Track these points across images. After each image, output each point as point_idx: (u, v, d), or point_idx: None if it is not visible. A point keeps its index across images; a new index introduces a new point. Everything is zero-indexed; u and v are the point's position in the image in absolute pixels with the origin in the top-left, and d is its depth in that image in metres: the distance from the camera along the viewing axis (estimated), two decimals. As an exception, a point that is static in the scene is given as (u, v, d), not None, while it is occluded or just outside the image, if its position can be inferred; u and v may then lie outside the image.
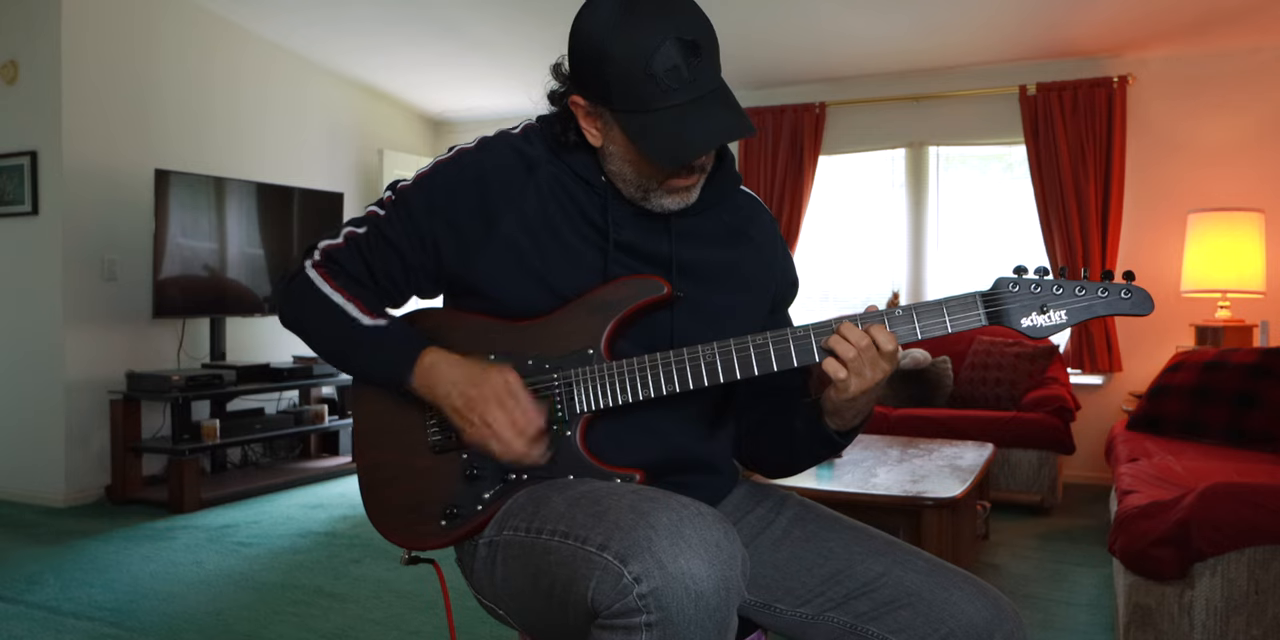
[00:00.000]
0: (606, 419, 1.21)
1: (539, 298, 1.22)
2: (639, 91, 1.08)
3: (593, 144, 1.20)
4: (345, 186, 5.67)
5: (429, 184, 1.24)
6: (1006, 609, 1.12)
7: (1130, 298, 1.09)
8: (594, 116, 1.17)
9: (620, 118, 1.12)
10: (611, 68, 1.08)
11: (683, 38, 1.07)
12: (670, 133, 1.09)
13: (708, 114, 1.09)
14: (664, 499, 1.03)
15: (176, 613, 2.82)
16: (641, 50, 1.06)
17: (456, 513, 1.22)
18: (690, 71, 1.07)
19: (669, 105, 1.08)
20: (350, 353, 1.26)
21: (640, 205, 1.21)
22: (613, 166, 1.20)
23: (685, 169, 1.16)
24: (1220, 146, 4.51)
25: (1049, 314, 1.10)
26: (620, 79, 1.08)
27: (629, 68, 1.07)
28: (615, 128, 1.15)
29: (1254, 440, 3.18)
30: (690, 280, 1.24)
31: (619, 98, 1.10)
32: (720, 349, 1.15)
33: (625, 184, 1.20)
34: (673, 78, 1.07)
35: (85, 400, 4.29)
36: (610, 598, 0.96)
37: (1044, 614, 2.79)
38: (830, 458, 1.28)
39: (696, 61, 1.08)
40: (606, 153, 1.19)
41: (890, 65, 4.99)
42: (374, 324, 1.23)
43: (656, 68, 1.06)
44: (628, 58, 1.07)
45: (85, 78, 4.28)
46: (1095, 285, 1.10)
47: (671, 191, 1.19)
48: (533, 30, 4.74)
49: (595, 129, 1.18)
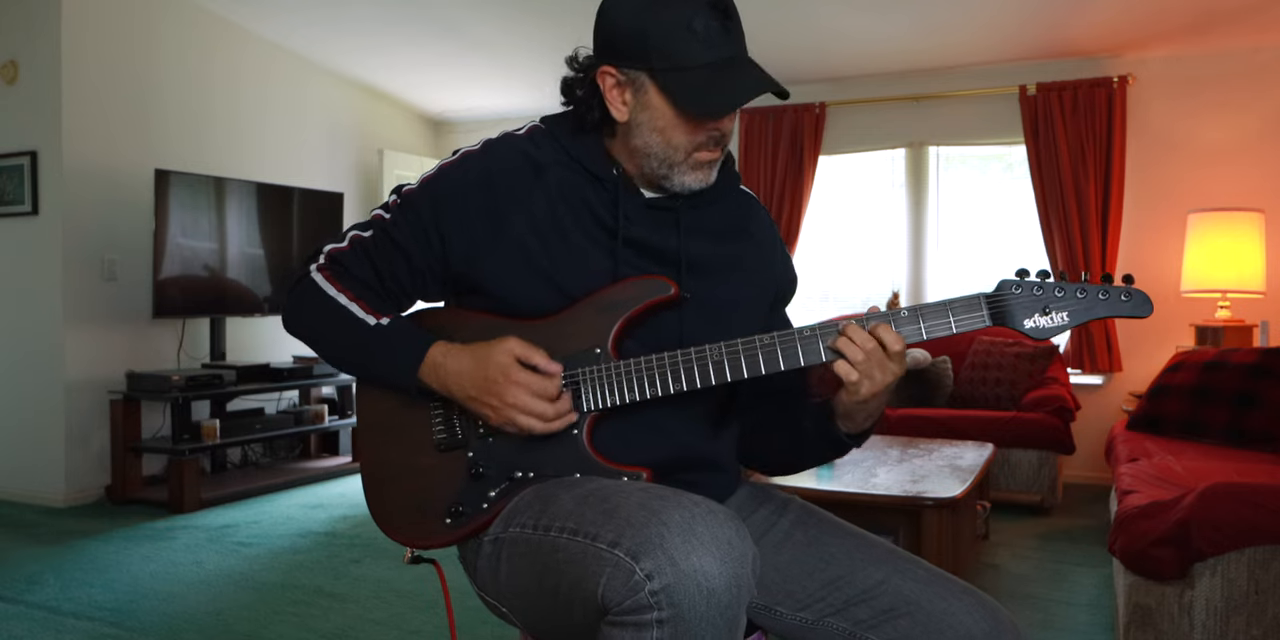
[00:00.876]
0: (613, 418, 1.21)
1: (547, 297, 1.22)
2: (682, 48, 1.13)
3: (618, 119, 1.20)
4: (345, 186, 5.67)
5: (434, 187, 1.24)
6: (1005, 621, 1.12)
7: (1130, 300, 1.10)
8: (624, 87, 1.18)
9: (660, 77, 1.15)
10: (652, 30, 1.13)
11: (715, 3, 1.14)
12: (711, 85, 1.13)
13: (744, 70, 1.15)
14: (675, 496, 1.03)
15: (176, 613, 2.82)
16: (681, 11, 1.13)
17: (461, 511, 1.22)
18: (725, 32, 1.14)
19: (708, 61, 1.13)
20: (357, 353, 1.26)
21: (661, 185, 1.22)
22: (638, 140, 1.20)
23: (712, 140, 1.19)
24: (1220, 146, 4.51)
25: (1051, 315, 1.11)
26: (661, 39, 1.13)
27: (671, 27, 1.13)
28: (649, 92, 1.17)
29: (1254, 440, 3.18)
30: (697, 275, 1.25)
31: (659, 57, 1.14)
32: (727, 349, 1.15)
33: (650, 159, 1.21)
34: (712, 33, 1.13)
35: (85, 400, 4.29)
36: (621, 594, 0.96)
37: (1044, 614, 2.79)
38: (836, 458, 1.29)
39: (730, 23, 1.15)
40: (634, 125, 1.20)
41: (890, 65, 4.99)
42: (379, 323, 1.23)
43: (697, 25, 1.12)
44: (670, 18, 1.13)
45: (85, 78, 4.27)
46: (1096, 288, 1.11)
47: (696, 167, 1.20)
48: (533, 30, 4.74)
49: (623, 102, 1.19)
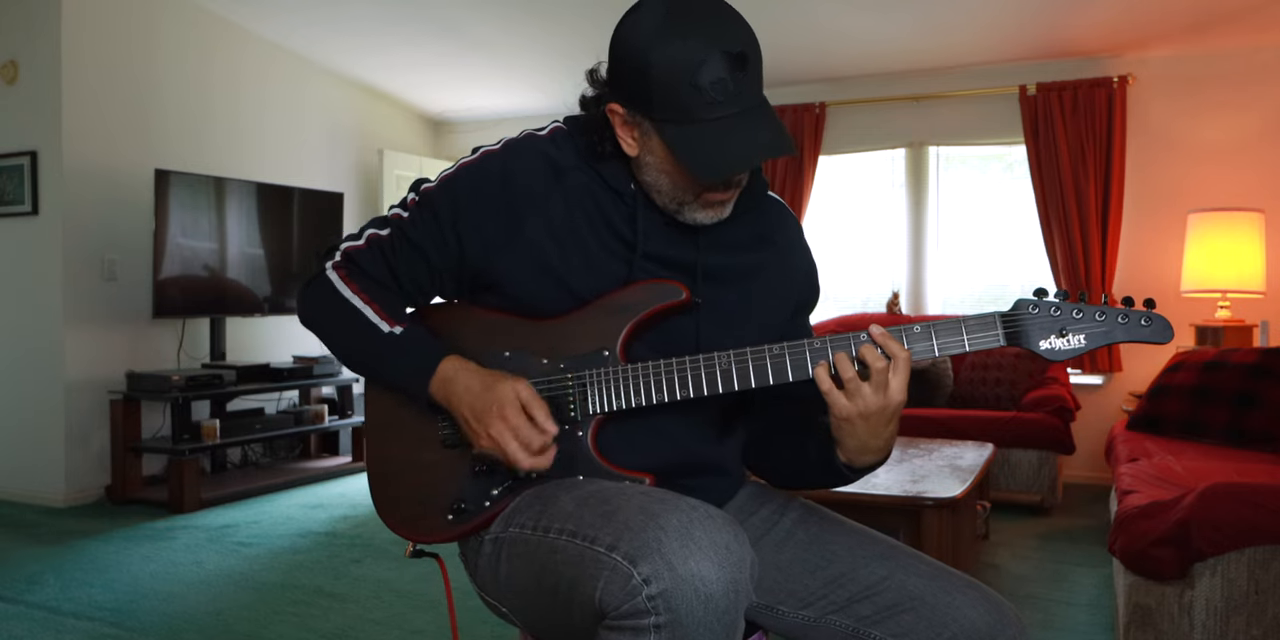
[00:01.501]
0: (618, 421, 1.21)
1: (559, 298, 1.21)
2: (683, 103, 1.06)
3: (628, 153, 1.17)
4: (345, 186, 5.67)
5: (453, 185, 1.23)
6: (1009, 614, 1.12)
7: (1150, 325, 1.08)
8: (631, 125, 1.14)
9: (661, 128, 1.09)
10: (655, 77, 1.05)
11: (730, 50, 1.04)
12: (712, 147, 1.06)
13: (750, 129, 1.07)
14: (674, 500, 1.03)
15: (176, 613, 2.82)
16: (687, 61, 1.04)
17: (464, 507, 1.22)
18: (736, 85, 1.05)
19: (713, 118, 1.06)
20: (368, 359, 1.25)
21: (673, 217, 1.20)
22: (648, 177, 1.17)
23: (723, 183, 1.14)
24: (1220, 146, 4.51)
25: (1068, 338, 1.09)
26: (663, 89, 1.06)
27: (673, 78, 1.05)
28: (654, 138, 1.12)
29: (1254, 440, 3.18)
30: (714, 283, 1.23)
31: (660, 107, 1.08)
32: (736, 357, 1.14)
33: (660, 195, 1.18)
34: (718, 90, 1.04)
35: (85, 400, 4.29)
36: (619, 598, 0.96)
37: (1044, 614, 2.79)
38: (835, 487, 1.25)
39: (742, 75, 1.05)
40: (642, 163, 1.17)
41: (890, 65, 4.99)
42: (391, 331, 1.21)
43: (702, 80, 1.04)
44: (673, 68, 1.04)
45: (85, 78, 4.27)
46: (1116, 311, 1.08)
47: (707, 206, 1.17)
48: (534, 30, 4.75)
49: (632, 138, 1.15)
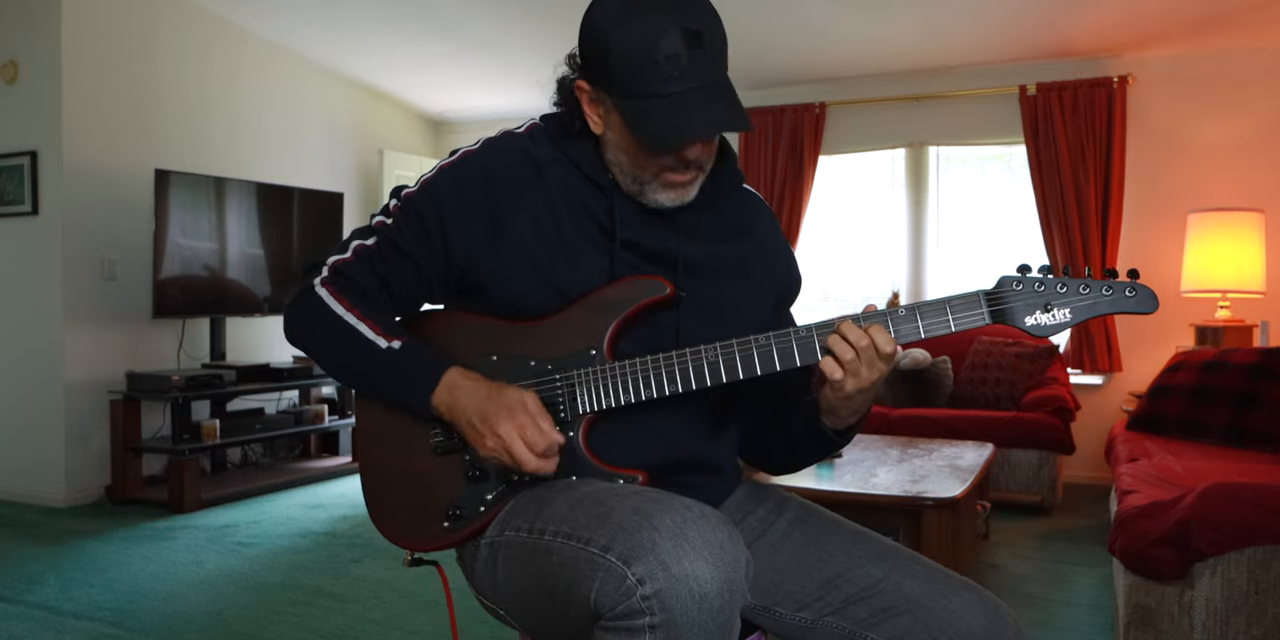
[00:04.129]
0: (609, 419, 1.20)
1: (544, 298, 1.21)
2: (639, 77, 1.08)
3: (594, 132, 1.20)
4: (345, 186, 5.67)
5: (434, 188, 1.23)
6: (1005, 617, 1.12)
7: (1135, 295, 1.08)
8: (596, 103, 1.17)
9: (619, 103, 1.12)
10: (615, 52, 1.09)
11: (687, 27, 1.07)
12: (664, 119, 1.08)
13: (704, 105, 1.09)
14: (668, 501, 1.03)
15: (176, 613, 2.82)
16: (644, 36, 1.07)
17: (459, 514, 1.22)
18: (691, 61, 1.07)
19: (666, 93, 1.08)
20: (366, 375, 1.23)
21: (637, 200, 1.21)
22: (610, 155, 1.20)
23: (680, 163, 1.15)
24: (1220, 146, 4.51)
25: (1053, 312, 1.09)
26: (622, 64, 1.09)
27: (630, 53, 1.08)
28: (614, 114, 1.15)
29: (1254, 440, 3.18)
30: (695, 277, 1.24)
31: (620, 83, 1.11)
32: (723, 349, 1.14)
33: (622, 175, 1.20)
34: (673, 65, 1.07)
35: (85, 400, 4.29)
36: (614, 599, 0.96)
37: (1044, 614, 2.79)
38: (830, 455, 1.26)
39: (699, 52, 1.07)
40: (606, 141, 1.20)
41: (890, 65, 4.99)
42: (390, 346, 1.20)
43: (658, 54, 1.07)
44: (630, 43, 1.08)
45: (85, 78, 4.27)
46: (1100, 283, 1.09)
47: (667, 187, 1.18)
48: (533, 30, 4.74)
49: (597, 116, 1.18)
